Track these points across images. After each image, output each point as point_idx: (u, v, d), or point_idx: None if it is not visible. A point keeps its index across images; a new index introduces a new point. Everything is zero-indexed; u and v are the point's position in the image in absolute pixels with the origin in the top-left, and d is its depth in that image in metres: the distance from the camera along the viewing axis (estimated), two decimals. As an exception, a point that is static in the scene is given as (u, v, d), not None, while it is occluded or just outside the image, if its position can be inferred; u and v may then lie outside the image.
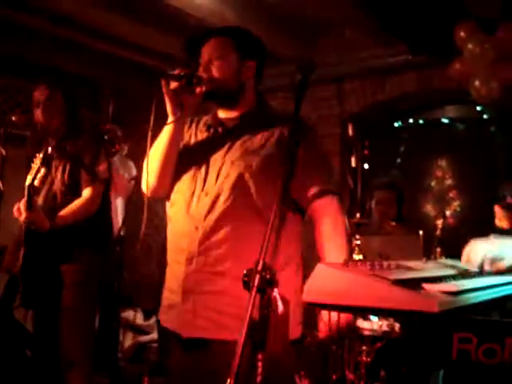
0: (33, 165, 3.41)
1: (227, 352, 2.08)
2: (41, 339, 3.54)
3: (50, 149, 3.42)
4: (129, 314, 6.25)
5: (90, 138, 3.54)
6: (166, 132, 2.36)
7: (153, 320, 6.18)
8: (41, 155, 3.40)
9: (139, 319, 6.37)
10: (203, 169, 2.33)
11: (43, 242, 3.39)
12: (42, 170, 3.33)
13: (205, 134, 2.45)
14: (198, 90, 2.30)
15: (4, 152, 3.32)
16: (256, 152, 2.28)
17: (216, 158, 2.32)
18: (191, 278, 2.26)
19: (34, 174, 3.36)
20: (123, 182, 5.16)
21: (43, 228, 3.32)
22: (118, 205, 5.25)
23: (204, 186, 2.29)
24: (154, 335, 5.92)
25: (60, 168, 3.44)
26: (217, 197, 2.25)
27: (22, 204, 3.33)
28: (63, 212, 3.39)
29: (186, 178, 2.36)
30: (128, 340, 6.02)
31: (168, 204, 2.45)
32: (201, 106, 2.40)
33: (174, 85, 2.27)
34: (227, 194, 2.23)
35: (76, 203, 3.42)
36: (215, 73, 2.34)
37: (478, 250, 2.02)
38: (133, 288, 6.15)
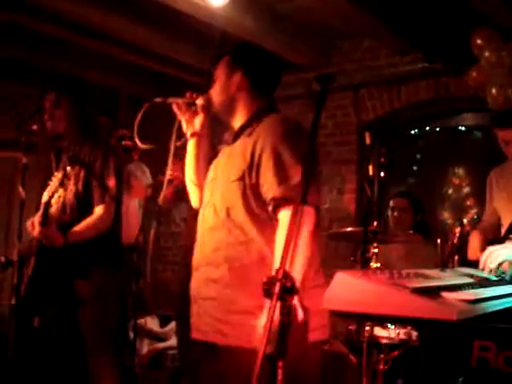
0: (50, 182, 3.41)
1: (232, 357, 2.17)
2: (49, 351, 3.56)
3: (68, 168, 3.40)
4: (145, 320, 6.27)
5: (100, 147, 3.54)
6: (189, 149, 2.60)
7: (169, 327, 6.19)
8: (59, 175, 3.39)
9: (155, 326, 6.39)
10: (213, 181, 2.50)
11: (55, 256, 3.38)
12: (60, 191, 3.35)
13: (223, 147, 2.61)
14: (198, 107, 2.53)
15: (25, 160, 3.35)
16: (232, 165, 2.40)
17: (219, 171, 2.49)
18: (196, 285, 2.44)
19: (52, 193, 3.37)
20: (141, 185, 5.16)
21: (57, 244, 3.33)
22: (135, 207, 5.24)
23: (210, 198, 2.46)
24: (171, 342, 5.93)
25: (73, 178, 3.43)
26: (213, 208, 2.41)
27: (37, 219, 3.35)
28: (75, 228, 3.39)
29: (205, 190, 2.55)
30: (144, 347, 6.04)
31: None
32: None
33: (180, 106, 2.54)
34: (218, 206, 2.38)
35: (88, 221, 3.42)
36: (211, 91, 2.54)
37: (497, 255, 2.04)
38: (149, 294, 6.18)
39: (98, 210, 3.44)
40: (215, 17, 4.83)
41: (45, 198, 3.37)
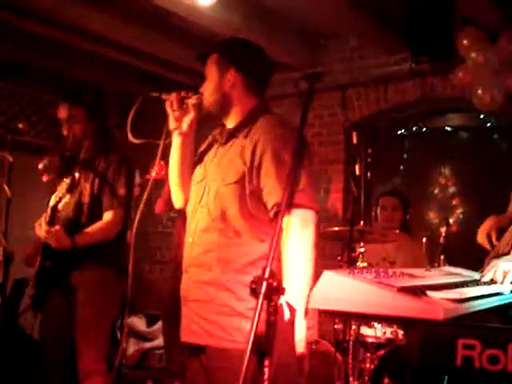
0: (59, 187, 3.39)
1: (224, 359, 2.16)
2: (48, 346, 3.52)
3: (77, 174, 3.40)
4: (132, 320, 6.26)
5: (114, 153, 3.54)
6: (174, 148, 2.53)
7: (156, 326, 6.18)
8: (68, 180, 3.37)
9: (142, 326, 6.38)
10: (203, 181, 2.45)
11: (59, 252, 3.37)
12: (67, 197, 3.33)
13: (211, 145, 2.57)
14: (189, 105, 2.47)
15: (11, 159, 3.33)
16: (228, 166, 2.36)
17: (210, 171, 2.44)
18: (186, 287, 2.41)
19: (59, 198, 3.34)
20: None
21: (64, 246, 3.32)
22: None
23: (201, 198, 2.42)
24: (157, 342, 5.92)
25: (89, 181, 3.45)
26: (207, 209, 2.37)
27: (44, 220, 3.33)
28: (83, 233, 3.40)
29: (193, 190, 2.51)
30: (131, 346, 6.03)
31: None
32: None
33: (173, 102, 2.46)
34: (212, 207, 2.35)
35: (97, 225, 3.43)
36: (202, 89, 2.48)
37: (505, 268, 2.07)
38: (136, 294, 6.17)
39: (107, 215, 3.45)
40: (202, 16, 4.82)
41: (52, 202, 3.35)
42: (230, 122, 2.47)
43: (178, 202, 2.61)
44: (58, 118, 3.57)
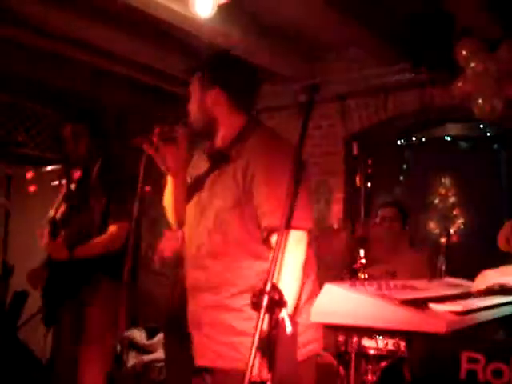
0: (56, 199, 3.46)
1: (233, 379, 2.12)
2: (59, 360, 3.54)
3: (72, 186, 3.45)
4: (131, 333, 6.23)
5: (121, 167, 3.57)
6: (168, 187, 2.50)
7: (156, 339, 6.15)
8: (64, 192, 3.44)
9: (142, 338, 6.34)
10: (199, 203, 2.41)
11: (66, 265, 3.40)
12: (63, 206, 3.39)
13: (203, 164, 2.49)
14: (178, 139, 2.37)
15: (10, 171, 3.33)
16: (223, 189, 2.31)
17: (205, 193, 2.39)
18: (194, 312, 2.38)
19: (56, 209, 3.42)
20: None
21: (62, 258, 3.35)
22: None
23: (199, 221, 2.37)
24: (157, 354, 5.89)
25: (99, 199, 3.46)
26: (207, 233, 2.32)
27: (46, 233, 3.39)
28: (84, 245, 3.41)
29: (189, 213, 2.46)
30: (130, 359, 5.99)
31: None
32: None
33: (153, 146, 2.36)
34: (212, 231, 2.30)
35: (99, 239, 3.44)
36: (188, 108, 2.43)
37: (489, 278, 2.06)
38: (136, 307, 6.13)
39: (112, 228, 3.46)
40: (202, 28, 4.82)
41: (51, 213, 3.42)
42: (220, 142, 2.41)
43: (173, 225, 2.59)
44: (63, 136, 3.60)
